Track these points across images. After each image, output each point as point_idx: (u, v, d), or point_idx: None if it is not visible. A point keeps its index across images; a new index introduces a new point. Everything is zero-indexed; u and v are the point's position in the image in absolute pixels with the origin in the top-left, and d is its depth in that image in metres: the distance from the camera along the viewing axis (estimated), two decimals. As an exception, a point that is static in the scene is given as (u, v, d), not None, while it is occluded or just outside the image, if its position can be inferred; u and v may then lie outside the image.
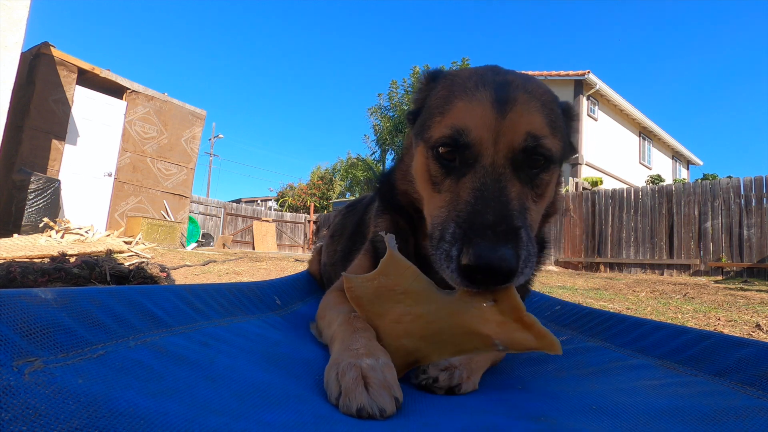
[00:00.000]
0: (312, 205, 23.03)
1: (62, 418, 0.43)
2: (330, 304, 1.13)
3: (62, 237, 6.54)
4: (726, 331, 2.95)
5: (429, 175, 0.88)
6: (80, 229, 7.18)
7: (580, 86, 18.00)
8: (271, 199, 33.67)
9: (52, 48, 8.82)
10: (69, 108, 9.19)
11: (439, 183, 0.86)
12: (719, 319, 3.39)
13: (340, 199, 24.18)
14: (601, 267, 10.40)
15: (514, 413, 0.63)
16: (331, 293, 1.24)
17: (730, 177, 9.24)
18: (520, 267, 0.70)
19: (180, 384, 0.60)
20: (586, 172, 17.73)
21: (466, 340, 0.78)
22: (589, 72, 17.37)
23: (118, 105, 10.21)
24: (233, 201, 32.17)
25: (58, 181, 8.39)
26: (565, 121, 1.00)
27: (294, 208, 26.34)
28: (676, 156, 25.09)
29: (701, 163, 26.47)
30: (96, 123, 9.78)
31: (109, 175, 10.07)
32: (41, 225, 7.31)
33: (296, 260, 9.29)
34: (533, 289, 1.60)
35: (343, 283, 0.88)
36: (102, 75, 9.73)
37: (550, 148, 0.85)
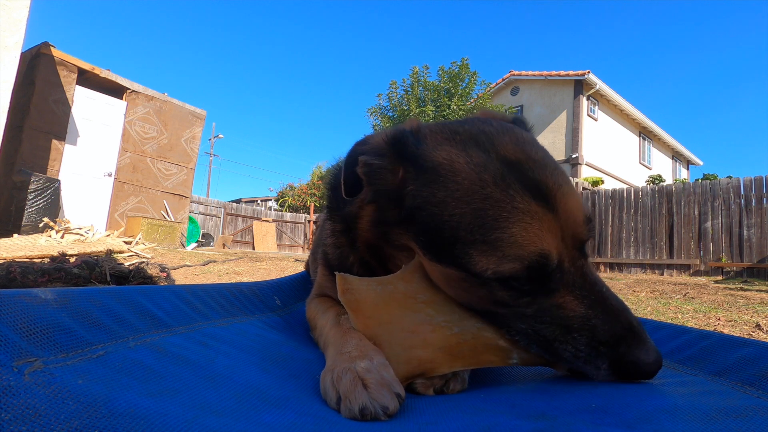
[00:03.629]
0: (312, 205, 22.99)
1: (62, 418, 0.43)
2: (319, 312, 1.12)
3: (62, 237, 6.54)
4: (726, 331, 2.95)
5: (489, 299, 0.78)
6: (80, 229, 7.18)
7: (580, 86, 18.02)
8: (271, 199, 33.64)
9: (52, 48, 8.82)
10: (69, 108, 9.20)
11: (510, 301, 0.77)
12: (719, 319, 3.39)
13: (340, 199, 24.05)
14: (601, 267, 10.41)
15: (514, 412, 0.63)
16: (312, 301, 1.23)
17: (730, 177, 9.24)
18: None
19: (180, 384, 0.60)
20: (586, 172, 17.75)
21: (484, 351, 0.78)
22: (589, 72, 17.38)
23: (118, 105, 10.22)
24: (233, 201, 32.17)
25: (58, 181, 8.39)
26: None
27: (294, 208, 26.30)
28: (676, 156, 25.11)
29: (701, 163, 26.51)
30: (96, 123, 9.78)
31: (109, 175, 10.07)
32: (41, 225, 7.31)
33: (296, 260, 9.29)
34: None
35: (338, 285, 0.82)
36: (102, 75, 9.73)
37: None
